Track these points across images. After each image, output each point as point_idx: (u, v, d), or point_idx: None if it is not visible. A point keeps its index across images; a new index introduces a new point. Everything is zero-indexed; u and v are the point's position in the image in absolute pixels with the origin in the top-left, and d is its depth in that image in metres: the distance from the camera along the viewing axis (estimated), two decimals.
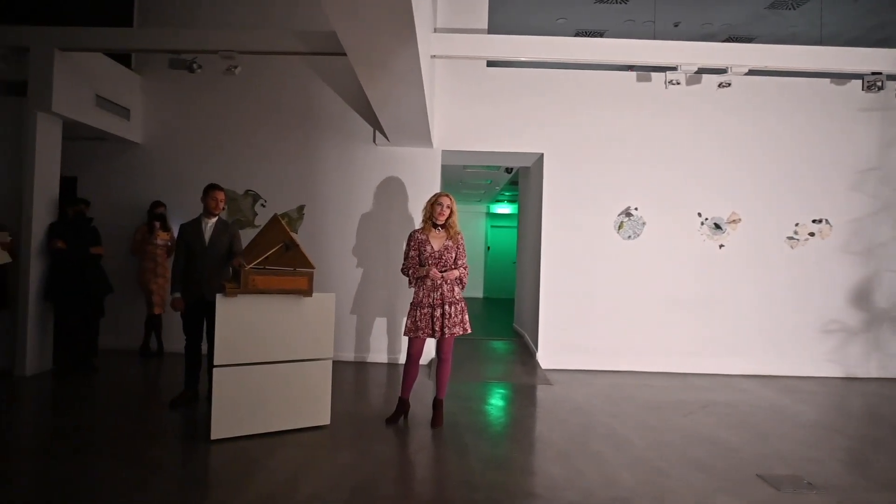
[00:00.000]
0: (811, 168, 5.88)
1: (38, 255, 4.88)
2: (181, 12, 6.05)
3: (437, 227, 3.82)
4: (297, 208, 5.95)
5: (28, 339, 4.82)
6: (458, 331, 3.76)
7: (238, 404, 3.40)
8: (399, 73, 3.68)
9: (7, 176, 4.93)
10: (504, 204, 13.74)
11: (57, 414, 3.99)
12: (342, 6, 2.77)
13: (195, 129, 6.04)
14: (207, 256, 4.01)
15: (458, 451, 3.40)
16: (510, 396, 4.82)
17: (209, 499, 2.69)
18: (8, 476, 2.89)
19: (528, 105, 5.91)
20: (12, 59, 4.86)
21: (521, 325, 7.88)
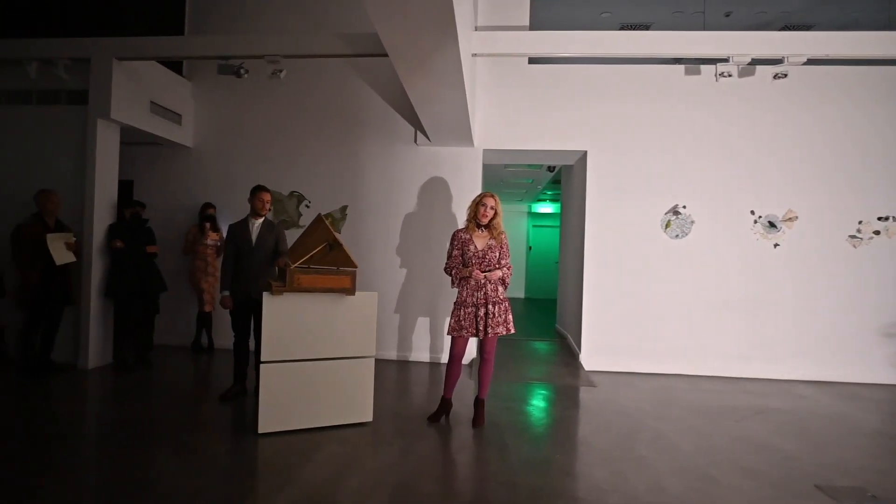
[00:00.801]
0: (877, 162, 5.54)
1: (99, 254, 5.14)
2: (229, 19, 6.26)
3: (480, 227, 3.80)
4: (340, 209, 6.05)
5: (90, 334, 5.08)
6: (501, 331, 3.73)
7: (284, 399, 3.49)
8: (440, 72, 3.68)
9: (71, 180, 5.20)
10: (546, 203, 13.57)
11: (117, 405, 4.19)
12: (384, 7, 2.79)
13: (242, 132, 6.23)
14: (254, 256, 4.12)
15: (500, 452, 3.38)
16: (552, 398, 4.75)
17: (258, 490, 2.77)
18: (75, 463, 3.06)
19: (571, 102, 5.81)
20: (75, 70, 5.13)
21: (564, 325, 7.77)
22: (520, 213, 13.72)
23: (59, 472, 2.90)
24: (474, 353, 5.83)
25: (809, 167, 5.59)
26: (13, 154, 5.32)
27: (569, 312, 7.21)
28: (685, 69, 5.67)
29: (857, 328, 5.54)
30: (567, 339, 7.27)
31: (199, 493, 2.68)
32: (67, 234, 4.82)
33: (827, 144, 5.58)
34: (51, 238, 4.65)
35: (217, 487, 2.76)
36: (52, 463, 3.00)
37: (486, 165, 6.55)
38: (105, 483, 2.83)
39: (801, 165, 5.60)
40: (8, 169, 5.29)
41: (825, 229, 5.58)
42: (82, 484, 2.81)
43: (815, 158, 5.59)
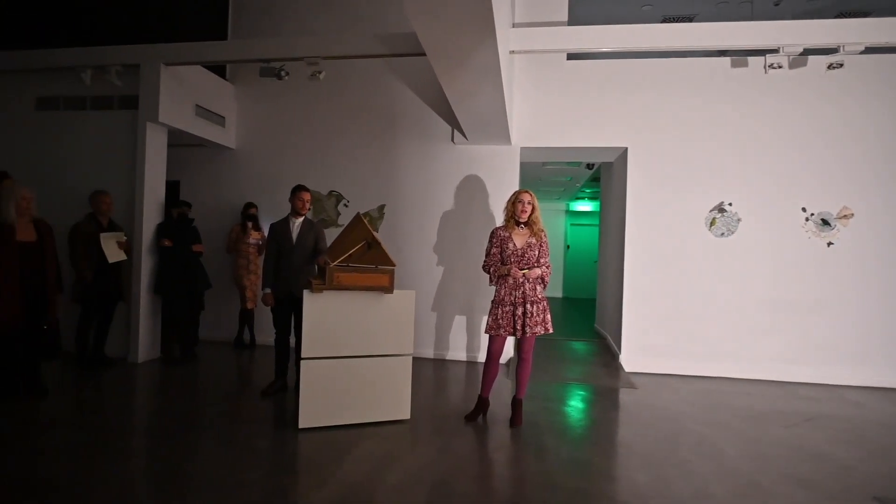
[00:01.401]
0: None
1: (148, 253, 5.34)
2: (270, 23, 6.40)
3: (519, 225, 3.77)
4: (378, 207, 6.11)
5: (140, 329, 5.28)
6: (539, 330, 3.69)
7: (324, 395, 3.54)
8: (478, 70, 3.66)
9: (123, 182, 5.42)
10: (584, 201, 13.36)
11: (164, 398, 4.34)
12: (423, 7, 2.79)
13: (283, 133, 6.36)
14: (295, 254, 4.20)
15: (538, 452, 3.34)
16: (591, 399, 4.67)
17: (299, 484, 2.82)
18: (126, 452, 3.19)
19: (611, 98, 5.69)
20: (126, 76, 5.34)
21: (603, 325, 7.63)
22: (557, 212, 13.55)
23: (112, 460, 3.03)
24: (512, 353, 5.79)
25: (867, 162, 5.31)
26: (69, 157, 5.58)
27: (608, 312, 7.08)
28: (731, 61, 5.48)
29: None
30: (606, 340, 7.14)
31: (243, 485, 2.74)
32: (119, 233, 5.02)
33: (883, 137, 5.29)
34: (104, 237, 4.85)
35: (259, 481, 2.82)
36: (106, 452, 3.13)
37: (524, 163, 6.49)
38: (154, 472, 2.94)
39: (857, 160, 5.32)
40: (65, 171, 5.55)
41: (883, 227, 5.29)
42: (134, 472, 2.93)
43: (873, 152, 5.30)
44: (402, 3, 2.82)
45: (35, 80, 5.73)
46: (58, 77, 5.63)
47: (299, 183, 4.59)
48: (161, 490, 2.70)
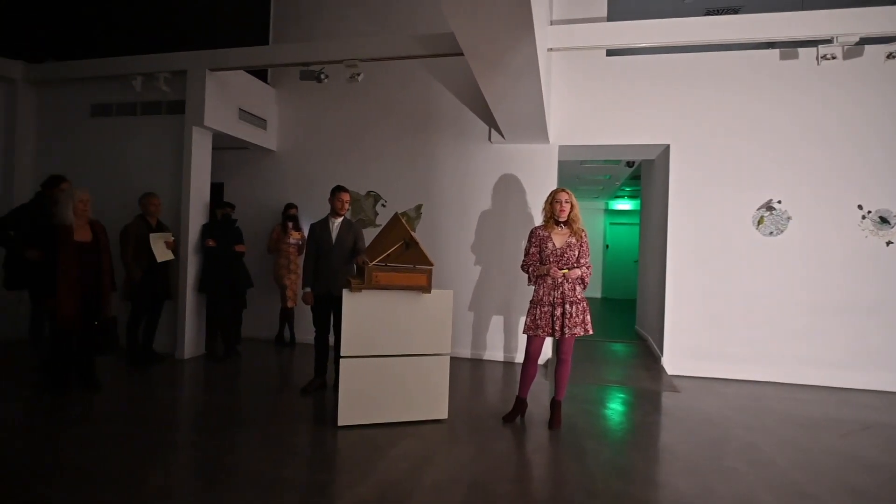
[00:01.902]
0: None
1: (194, 252, 5.52)
2: (310, 27, 6.52)
3: (559, 224, 3.72)
4: (415, 207, 6.14)
5: (186, 327, 5.46)
6: (578, 331, 3.63)
7: (362, 394, 3.58)
8: (516, 69, 3.63)
9: (170, 184, 5.62)
10: (624, 200, 13.10)
11: (209, 393, 4.48)
12: (461, 6, 2.79)
13: (322, 134, 6.47)
14: (334, 254, 4.26)
15: (577, 455, 3.29)
16: (632, 402, 4.56)
17: (338, 481, 2.85)
18: (173, 445, 3.30)
19: (652, 94, 5.56)
20: (173, 82, 5.53)
21: (644, 327, 7.46)
22: (596, 211, 13.32)
23: (160, 452, 3.14)
24: (550, 354, 5.73)
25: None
26: (121, 161, 5.83)
27: (650, 313, 6.91)
28: (780, 53, 5.27)
29: None
30: (648, 342, 6.97)
31: (283, 480, 2.80)
32: (167, 233, 5.21)
33: None
34: (153, 237, 5.04)
35: (299, 476, 2.87)
36: (155, 444, 3.25)
37: (562, 162, 6.40)
38: (198, 465, 3.03)
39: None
40: (116, 174, 5.80)
41: None
42: (180, 465, 3.03)
43: None
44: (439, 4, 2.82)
45: (90, 89, 6.01)
46: (110, 85, 5.89)
47: (338, 184, 4.66)
48: (206, 483, 2.78)
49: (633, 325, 8.45)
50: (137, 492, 2.63)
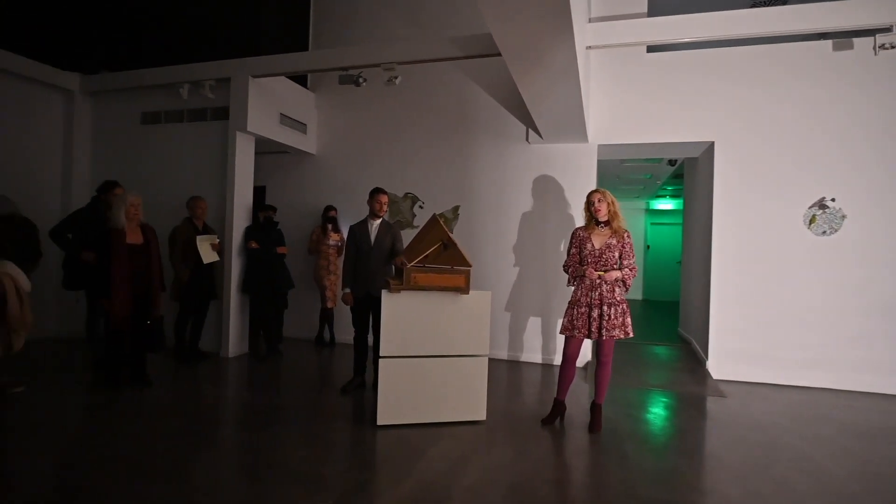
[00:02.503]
0: None
1: (238, 254, 5.68)
2: (348, 31, 6.64)
3: (599, 225, 3.66)
4: (452, 209, 6.15)
5: (230, 326, 5.62)
6: (617, 334, 3.56)
7: (401, 394, 3.60)
8: (555, 68, 3.60)
9: (216, 188, 5.80)
10: (666, 199, 12.77)
11: (252, 391, 4.59)
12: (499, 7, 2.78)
13: (360, 137, 6.56)
14: (373, 255, 4.31)
15: (619, 460, 3.22)
16: (675, 406, 4.44)
17: (377, 480, 2.88)
18: (218, 440, 3.40)
19: (696, 90, 5.40)
20: (218, 89, 5.72)
21: (688, 330, 7.25)
22: (637, 211, 13.04)
23: (206, 446, 3.24)
24: (589, 356, 5.64)
25: None
26: (169, 166, 6.06)
27: (694, 316, 6.72)
28: (833, 44, 5.04)
29: None
30: (692, 345, 6.77)
31: (324, 478, 2.84)
32: (213, 235, 5.37)
33: None
34: (199, 240, 5.21)
35: (340, 474, 2.91)
36: (201, 438, 3.36)
37: (601, 161, 6.30)
38: (242, 461, 3.11)
39: None
40: (165, 179, 6.03)
41: None
42: (225, 459, 3.12)
43: None
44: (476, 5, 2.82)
45: (140, 97, 6.28)
46: (159, 93, 6.13)
47: (376, 186, 4.71)
48: (251, 478, 2.85)
49: (675, 328, 8.24)
50: (186, 484, 2.72)
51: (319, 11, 6.89)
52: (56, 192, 6.40)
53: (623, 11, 5.33)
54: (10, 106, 5.95)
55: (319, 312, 6.39)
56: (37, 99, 6.22)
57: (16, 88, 5.99)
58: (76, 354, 5.45)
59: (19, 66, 5.86)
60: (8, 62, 5.75)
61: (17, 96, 6.01)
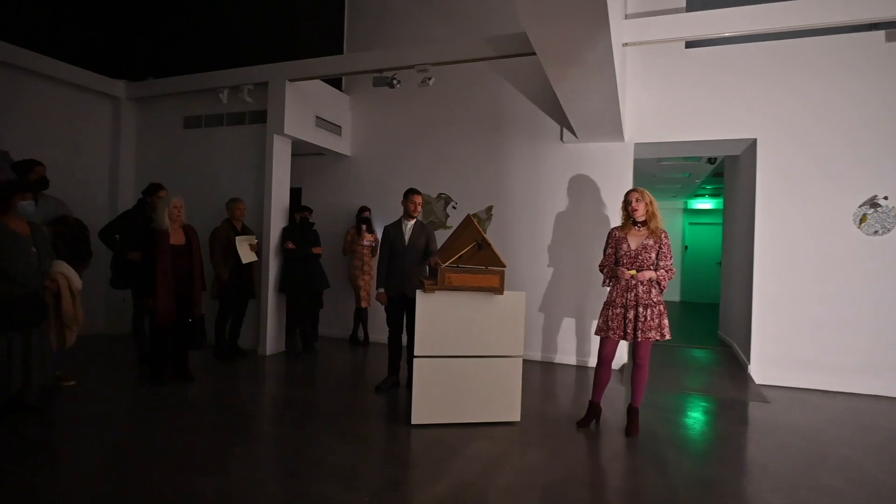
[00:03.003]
0: None
1: (275, 254, 5.80)
2: (382, 34, 6.71)
3: (636, 225, 3.60)
4: (486, 209, 6.14)
5: (268, 325, 5.75)
6: (654, 335, 3.49)
7: (435, 393, 3.62)
8: (590, 66, 3.55)
9: (254, 190, 5.94)
10: (705, 199, 12.45)
11: (288, 388, 4.68)
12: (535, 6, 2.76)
13: (394, 139, 6.61)
14: (407, 255, 4.34)
15: (657, 465, 3.16)
16: (715, 411, 4.33)
17: (412, 478, 2.90)
18: (256, 434, 3.48)
19: (737, 85, 5.24)
20: (256, 93, 5.86)
21: (729, 333, 7.05)
22: (674, 211, 12.75)
23: (245, 442, 3.32)
24: (626, 358, 5.54)
25: None
26: (209, 169, 6.24)
27: (735, 318, 6.53)
28: (886, 35, 4.81)
29: None
30: (732, 348, 6.58)
31: (360, 475, 2.87)
32: (251, 236, 5.50)
33: None
34: (238, 240, 5.34)
35: (375, 472, 2.94)
36: (239, 433, 3.45)
37: (637, 160, 6.19)
38: (280, 455, 3.17)
39: None
40: (206, 181, 6.21)
41: None
42: (262, 453, 3.19)
43: None
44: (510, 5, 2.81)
45: (182, 102, 6.48)
46: (200, 98, 6.32)
47: (410, 186, 4.74)
48: (288, 473, 2.90)
49: (715, 331, 8.02)
50: (226, 477, 2.80)
51: (354, 14, 6.98)
52: (104, 194, 6.67)
53: (661, 7, 5.21)
54: (63, 113, 6.23)
55: (354, 312, 6.47)
56: (87, 106, 6.49)
57: (68, 96, 6.27)
58: (123, 350, 5.66)
59: (71, 75, 6.13)
60: (60, 71, 6.02)
61: (68, 104, 6.29)
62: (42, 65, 5.83)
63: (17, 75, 5.72)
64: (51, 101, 6.09)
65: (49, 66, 5.90)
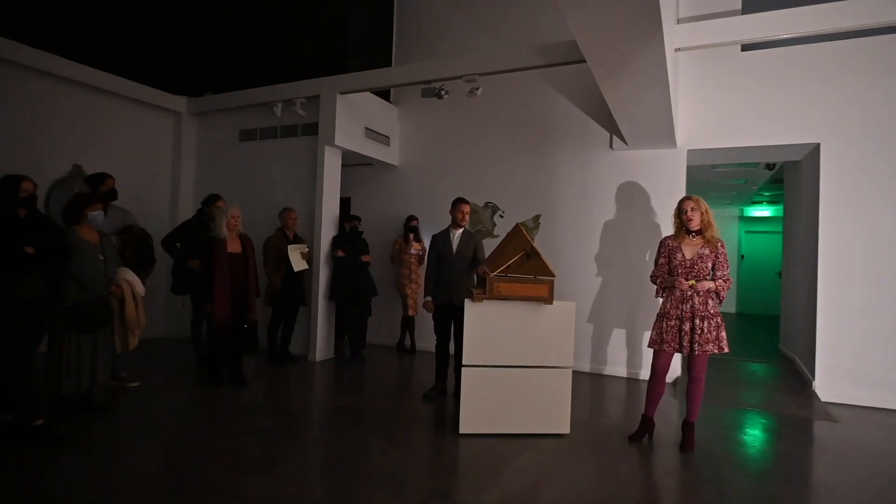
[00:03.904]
0: None
1: (325, 263, 5.93)
2: (431, 45, 6.81)
3: (690, 234, 3.49)
4: (533, 217, 6.09)
5: (318, 332, 5.88)
6: (711, 348, 3.37)
7: (483, 403, 3.60)
8: (642, 73, 3.49)
9: (306, 200, 6.12)
10: (762, 206, 11.95)
11: (337, 394, 4.77)
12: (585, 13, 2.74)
13: (441, 148, 6.67)
14: (455, 264, 4.36)
15: (715, 484, 3.03)
16: (776, 429, 4.12)
17: (460, 489, 2.89)
18: (305, 438, 3.56)
19: (798, 88, 5.02)
20: (308, 106, 6.04)
21: (790, 346, 6.71)
22: (729, 218, 12.27)
23: (296, 445, 3.40)
24: (678, 371, 5.36)
25: None
26: (263, 180, 6.47)
27: (797, 331, 6.22)
28: None
29: None
30: (795, 363, 6.26)
31: (408, 483, 2.89)
32: (303, 245, 5.66)
33: None
34: (290, 249, 5.50)
35: (423, 480, 2.96)
36: (289, 436, 3.53)
37: (690, 166, 6.00)
38: (329, 460, 3.23)
39: None
40: (260, 192, 6.44)
41: None
42: (313, 458, 3.26)
43: None
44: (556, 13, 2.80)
45: (238, 116, 6.76)
46: (255, 112, 6.57)
47: (458, 195, 4.76)
48: (338, 478, 2.95)
49: (774, 344, 7.66)
50: (279, 480, 2.86)
51: (402, 27, 7.11)
52: (165, 203, 7.01)
53: (714, 10, 5.07)
54: (130, 128, 6.61)
55: (401, 320, 6.53)
56: (151, 121, 6.86)
57: (135, 112, 6.64)
58: (181, 353, 5.90)
59: (138, 93, 6.50)
60: (129, 89, 6.39)
61: (135, 119, 6.66)
62: (113, 83, 6.21)
63: (91, 94, 6.11)
64: (120, 117, 6.48)
65: (119, 84, 6.28)
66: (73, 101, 5.96)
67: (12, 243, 3.12)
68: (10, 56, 5.26)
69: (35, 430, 3.21)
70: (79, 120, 6.01)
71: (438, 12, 6.90)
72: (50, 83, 5.72)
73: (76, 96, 5.98)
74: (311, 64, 6.74)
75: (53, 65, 5.61)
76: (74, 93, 5.95)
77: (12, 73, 5.39)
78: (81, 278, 3.48)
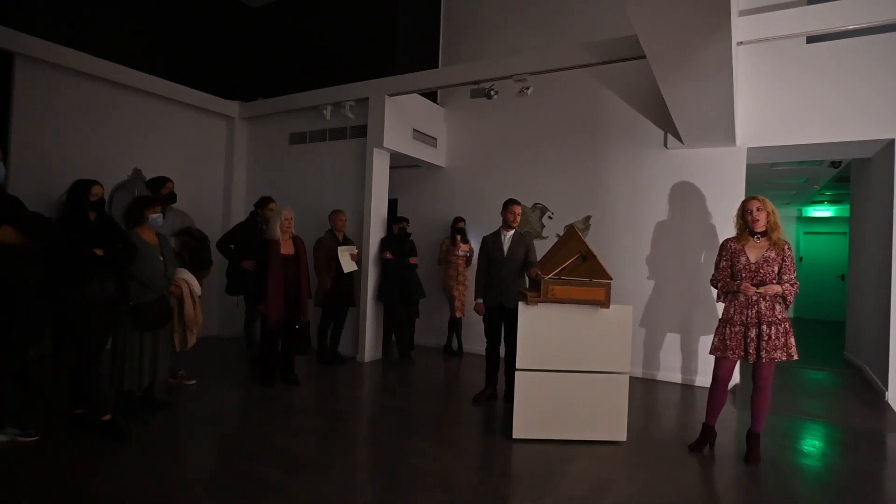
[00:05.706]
0: None
1: (374, 264, 5.98)
2: (478, 45, 6.77)
3: (754, 236, 3.34)
4: (583, 219, 5.97)
5: (366, 333, 5.93)
6: (779, 356, 3.21)
7: (537, 408, 3.54)
8: (705, 68, 3.37)
9: (355, 202, 6.19)
10: (823, 206, 11.37)
11: (386, 395, 4.80)
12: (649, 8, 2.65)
13: (488, 149, 6.62)
14: (506, 266, 4.31)
15: (784, 499, 2.88)
16: (847, 441, 3.89)
17: (515, 495, 2.85)
18: (355, 438, 3.60)
19: (868, 82, 4.74)
20: (357, 109, 6.11)
21: (858, 354, 6.35)
22: (787, 219, 11.71)
23: (347, 445, 3.44)
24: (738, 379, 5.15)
25: None
26: (313, 182, 6.58)
27: (866, 338, 5.87)
28: None
29: None
30: (864, 372, 5.92)
31: (461, 487, 2.86)
32: (352, 246, 5.72)
33: None
34: (340, 250, 5.56)
35: (477, 485, 2.92)
36: (339, 436, 3.57)
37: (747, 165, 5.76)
38: (380, 461, 3.25)
39: None
40: (310, 194, 6.55)
41: None
42: (364, 458, 3.28)
43: None
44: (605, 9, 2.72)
45: (289, 120, 6.90)
46: (305, 115, 6.68)
47: (509, 196, 4.70)
48: (392, 481, 2.95)
49: (839, 351, 7.26)
50: (333, 480, 2.88)
51: (449, 27, 7.10)
52: (218, 206, 7.22)
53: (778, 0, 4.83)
54: (186, 132, 6.84)
55: (448, 321, 6.52)
56: (206, 125, 7.08)
57: (190, 117, 6.87)
58: (235, 352, 6.07)
59: (192, 98, 6.72)
60: (185, 95, 6.61)
61: (191, 124, 6.89)
62: (170, 90, 6.44)
63: (150, 101, 6.36)
64: (176, 122, 6.71)
65: (175, 91, 6.50)
66: (133, 107, 6.21)
67: (84, 245, 3.26)
68: (76, 66, 5.52)
69: (103, 424, 3.34)
70: (138, 125, 6.26)
71: (485, 12, 6.85)
72: (111, 90, 5.96)
73: (136, 103, 6.22)
74: (359, 66, 6.82)
75: (114, 73, 5.85)
76: (134, 99, 6.20)
77: (77, 81, 5.66)
78: (142, 278, 3.60)
